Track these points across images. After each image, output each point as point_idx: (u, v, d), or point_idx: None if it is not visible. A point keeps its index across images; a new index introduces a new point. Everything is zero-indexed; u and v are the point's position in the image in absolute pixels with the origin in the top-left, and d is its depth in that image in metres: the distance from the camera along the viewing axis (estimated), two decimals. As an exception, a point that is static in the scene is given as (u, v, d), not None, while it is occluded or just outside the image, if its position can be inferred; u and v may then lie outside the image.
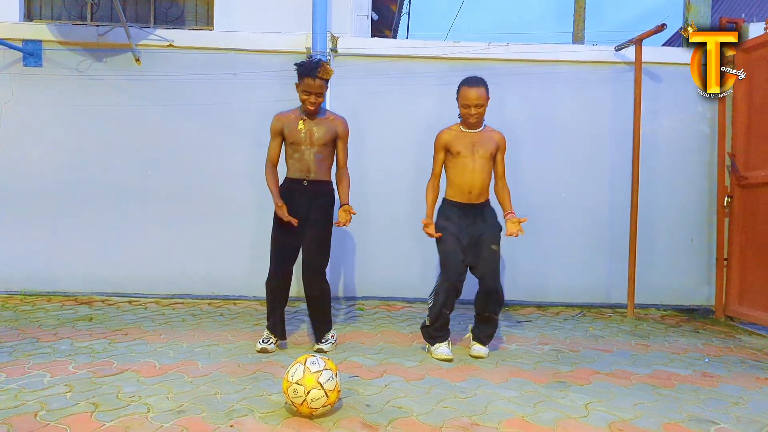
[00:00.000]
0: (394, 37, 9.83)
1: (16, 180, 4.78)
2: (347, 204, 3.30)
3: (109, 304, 4.50)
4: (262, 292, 3.40)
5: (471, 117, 3.20)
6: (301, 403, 2.27)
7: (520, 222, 3.23)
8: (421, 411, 2.42)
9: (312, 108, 3.24)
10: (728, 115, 4.68)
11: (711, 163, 4.90)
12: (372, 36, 5.83)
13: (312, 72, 3.18)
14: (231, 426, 2.23)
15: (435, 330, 3.28)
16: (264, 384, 2.71)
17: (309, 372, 2.29)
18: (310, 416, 2.31)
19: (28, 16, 5.51)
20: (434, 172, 3.37)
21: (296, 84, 3.26)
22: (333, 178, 3.41)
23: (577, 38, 10.68)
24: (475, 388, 2.73)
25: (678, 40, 7.23)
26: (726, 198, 4.63)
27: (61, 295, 4.74)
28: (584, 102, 4.97)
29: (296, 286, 4.75)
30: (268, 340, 3.33)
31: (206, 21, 5.60)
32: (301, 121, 3.28)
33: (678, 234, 4.95)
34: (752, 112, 4.48)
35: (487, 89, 3.22)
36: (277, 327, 3.36)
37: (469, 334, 3.44)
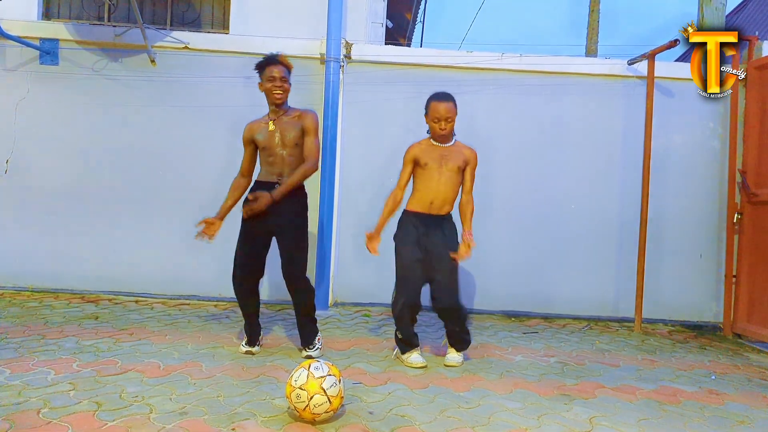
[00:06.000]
0: (408, 45, 9.86)
1: (28, 176, 4.82)
2: (281, 187, 3.16)
3: (116, 303, 4.52)
4: (268, 296, 3.39)
5: (441, 131, 3.19)
6: (304, 409, 2.26)
7: (470, 247, 3.19)
8: (424, 420, 2.41)
9: (280, 94, 3.21)
10: (739, 132, 4.65)
11: (721, 179, 4.87)
12: (386, 44, 5.85)
13: (272, 59, 3.23)
14: (233, 429, 2.23)
15: (406, 341, 3.27)
16: (267, 388, 2.71)
17: (312, 377, 2.28)
18: (313, 422, 2.30)
19: (47, 15, 5.57)
20: (399, 184, 3.33)
21: (259, 84, 3.27)
22: (306, 182, 3.36)
23: (590, 51, 10.67)
24: (478, 399, 2.71)
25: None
26: (736, 215, 4.59)
27: (68, 292, 4.77)
28: (596, 115, 4.96)
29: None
30: (252, 343, 3.34)
31: (222, 24, 5.64)
32: (271, 123, 3.27)
33: (687, 249, 4.91)
34: (764, 129, 4.45)
35: (455, 104, 3.22)
36: (249, 332, 3.37)
37: (445, 339, 3.42)
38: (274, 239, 3.30)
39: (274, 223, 3.21)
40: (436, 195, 3.23)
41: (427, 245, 3.21)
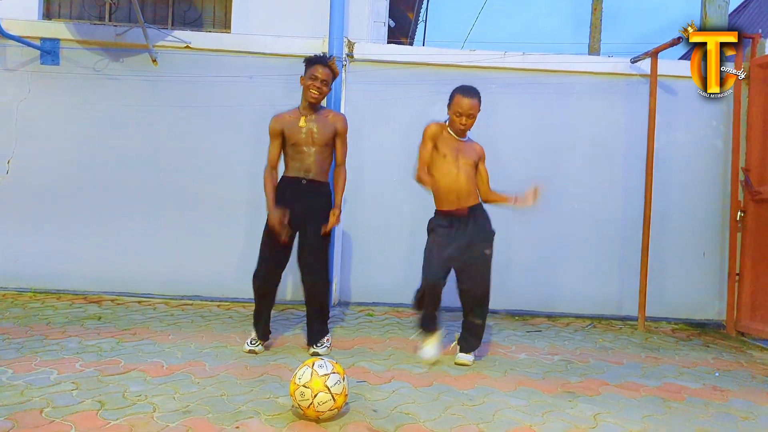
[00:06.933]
0: (411, 44, 9.86)
1: (29, 177, 4.81)
2: (338, 208, 3.32)
3: (119, 304, 4.51)
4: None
5: (461, 125, 3.18)
6: (308, 407, 2.25)
7: (535, 192, 3.20)
8: (429, 417, 2.40)
9: (316, 95, 3.23)
10: (743, 130, 4.64)
11: (724, 177, 4.86)
12: (388, 43, 5.85)
13: (323, 59, 3.27)
14: (237, 428, 2.22)
15: (424, 324, 3.28)
16: (271, 386, 2.71)
17: (316, 375, 2.27)
18: (317, 420, 2.29)
19: (47, 14, 5.58)
20: (423, 159, 3.24)
21: (301, 77, 3.29)
22: (331, 179, 3.40)
23: (593, 50, 10.66)
24: (483, 396, 2.71)
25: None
26: (739, 213, 4.58)
27: (70, 293, 4.76)
28: (599, 113, 4.95)
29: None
30: (256, 342, 3.33)
31: (224, 24, 5.64)
32: (303, 118, 3.27)
33: (690, 248, 4.90)
34: (766, 128, 4.44)
35: (480, 101, 3.20)
36: (263, 329, 3.37)
37: (455, 343, 3.42)
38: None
39: (300, 216, 3.24)
40: (459, 189, 3.22)
41: (462, 240, 3.20)
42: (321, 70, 3.23)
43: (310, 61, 3.28)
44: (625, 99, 4.93)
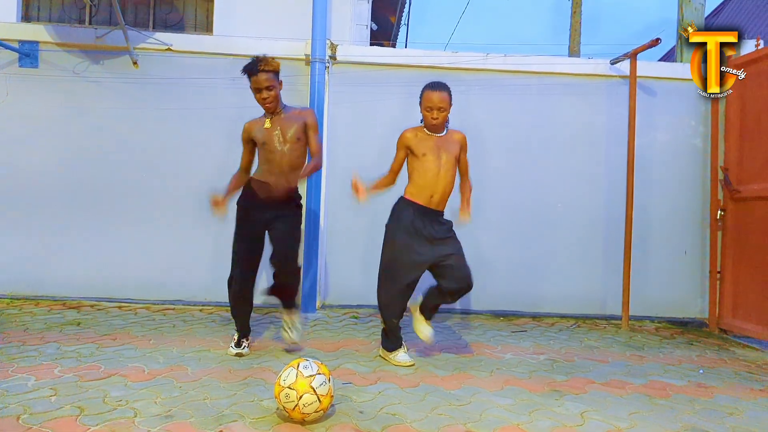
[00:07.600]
0: (393, 47, 9.88)
1: (7, 181, 4.71)
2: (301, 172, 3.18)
3: (98, 309, 4.43)
4: (255, 300, 3.38)
5: (433, 120, 3.16)
6: (293, 408, 2.22)
7: (468, 215, 3.27)
8: (416, 418, 2.38)
9: (269, 102, 3.19)
10: (721, 129, 4.71)
11: (704, 176, 4.92)
12: (371, 45, 5.85)
13: (254, 68, 3.16)
14: None
15: (390, 340, 3.28)
16: (255, 389, 2.67)
17: (302, 376, 2.25)
18: (302, 422, 2.26)
19: (26, 17, 5.49)
20: (392, 169, 3.31)
21: (250, 87, 3.23)
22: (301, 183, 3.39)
23: (573, 52, 10.80)
24: (469, 396, 2.70)
25: (673, 56, 7.26)
26: (719, 211, 4.65)
27: (49, 299, 4.66)
28: (580, 114, 4.98)
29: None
30: (241, 344, 3.30)
31: (205, 27, 5.60)
32: (267, 120, 3.24)
33: (672, 247, 4.95)
34: (744, 127, 4.52)
35: (449, 94, 3.19)
36: (242, 327, 3.37)
37: (417, 306, 3.33)
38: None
39: (270, 214, 3.21)
40: (436, 188, 3.19)
41: (429, 234, 3.16)
42: (263, 78, 3.15)
43: (248, 73, 3.19)
44: (606, 100, 4.98)
